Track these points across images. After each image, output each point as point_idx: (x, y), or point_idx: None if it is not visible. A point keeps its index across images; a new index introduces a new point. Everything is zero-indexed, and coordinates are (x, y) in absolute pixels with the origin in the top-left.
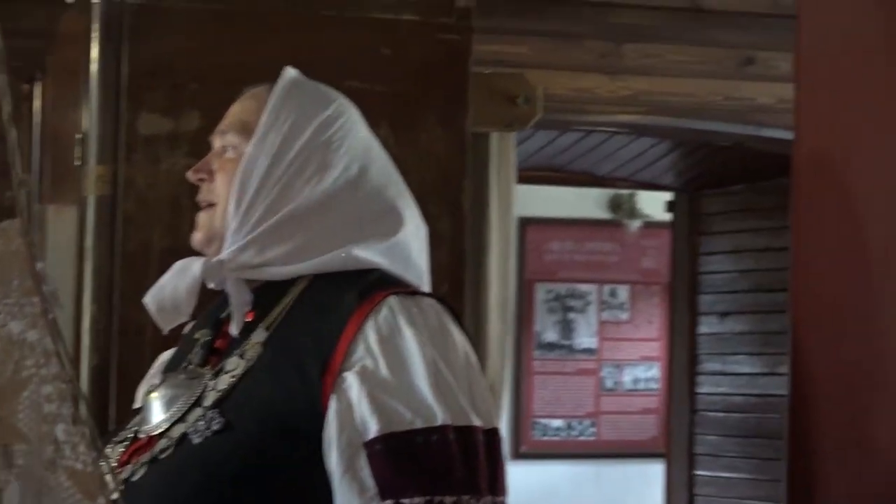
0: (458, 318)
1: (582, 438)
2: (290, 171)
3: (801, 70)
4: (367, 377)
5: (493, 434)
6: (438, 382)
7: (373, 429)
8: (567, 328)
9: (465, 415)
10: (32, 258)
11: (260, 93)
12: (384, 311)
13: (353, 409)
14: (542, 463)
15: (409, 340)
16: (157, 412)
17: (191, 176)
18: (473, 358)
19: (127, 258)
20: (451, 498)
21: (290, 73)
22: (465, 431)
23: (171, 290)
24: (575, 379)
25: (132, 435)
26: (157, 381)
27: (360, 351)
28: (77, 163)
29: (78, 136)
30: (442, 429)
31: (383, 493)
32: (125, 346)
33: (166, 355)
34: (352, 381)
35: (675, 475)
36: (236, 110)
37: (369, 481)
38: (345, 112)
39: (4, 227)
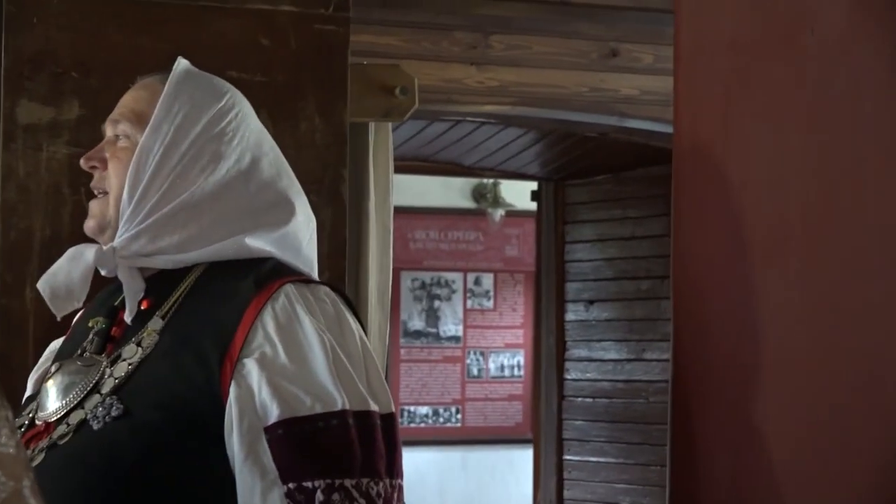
0: (352, 306)
1: (448, 425)
2: (184, 162)
3: (679, 61)
4: (266, 363)
5: (389, 418)
6: (337, 368)
7: (273, 414)
8: (433, 316)
9: (364, 400)
10: None
11: (153, 83)
12: (281, 299)
13: (254, 394)
14: (409, 450)
15: (307, 327)
16: (52, 399)
17: (83, 164)
18: (368, 345)
19: (8, 247)
20: (351, 481)
21: (182, 64)
22: (364, 416)
23: (65, 276)
24: (441, 366)
25: (28, 422)
26: (52, 368)
27: (258, 338)
28: None
29: None
30: (341, 413)
31: (284, 476)
32: (8, 336)
33: (56, 344)
34: (251, 367)
35: (544, 460)
36: (129, 100)
37: (270, 465)
38: (237, 104)
39: None
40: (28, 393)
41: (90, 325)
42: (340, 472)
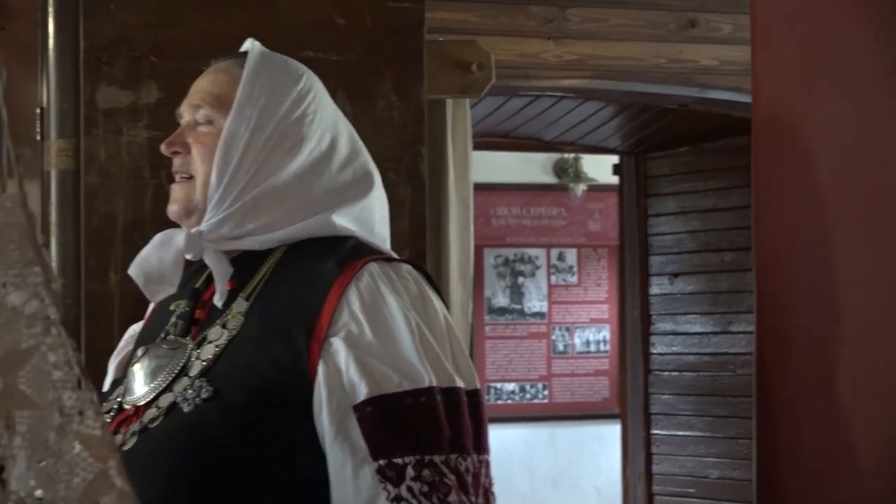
0: (434, 283)
1: (535, 402)
2: (269, 145)
3: (756, 29)
4: (353, 342)
5: (475, 395)
6: (423, 346)
7: (362, 392)
8: (517, 292)
9: (450, 376)
10: (33, 229)
11: (229, 67)
12: (365, 278)
13: (342, 373)
14: (496, 427)
15: (392, 306)
16: (140, 383)
17: (164, 149)
18: (451, 322)
19: (91, 232)
20: (440, 457)
21: (256, 46)
22: (450, 392)
23: (157, 261)
24: (526, 343)
25: (117, 406)
26: (138, 352)
27: (344, 317)
28: (38, 137)
29: (38, 110)
30: (429, 390)
31: (375, 453)
32: (92, 320)
33: (136, 328)
34: (338, 346)
35: (632, 435)
36: (207, 84)
37: (360, 443)
38: (314, 85)
39: (2, 200)
40: (109, 377)
41: (171, 308)
42: (430, 449)
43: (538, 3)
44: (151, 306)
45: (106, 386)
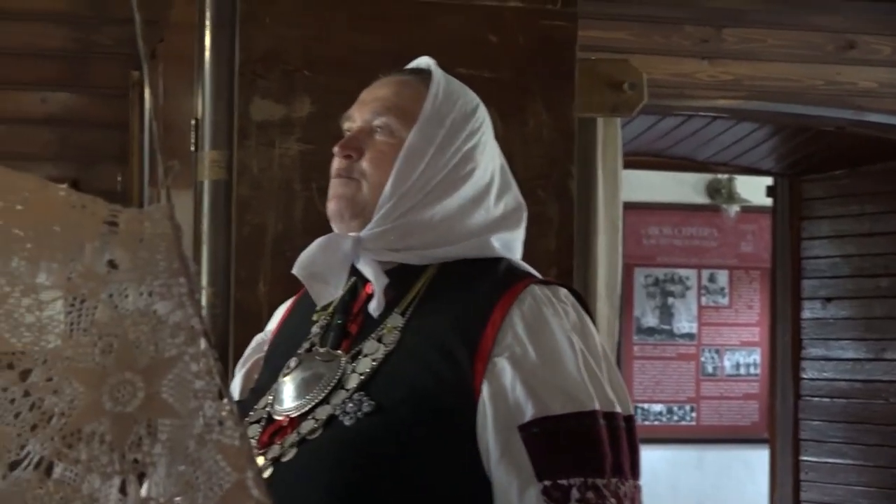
0: (586, 307)
1: (683, 423)
2: (448, 168)
3: None
4: (518, 363)
5: (630, 420)
6: (585, 369)
7: (528, 412)
8: (666, 313)
9: (610, 401)
10: (179, 241)
11: (413, 82)
12: (528, 301)
13: (507, 393)
14: (643, 448)
15: (555, 329)
16: (290, 394)
17: (337, 150)
18: (606, 346)
19: (242, 242)
20: (602, 480)
21: (435, 65)
22: (611, 417)
23: (323, 264)
24: (675, 364)
25: (266, 416)
26: (290, 363)
27: (508, 338)
28: (192, 148)
29: (192, 121)
30: (593, 414)
31: (540, 474)
32: (242, 329)
33: (261, 336)
34: (503, 366)
35: (781, 461)
36: (389, 94)
37: (526, 463)
38: (485, 115)
39: (151, 211)
40: (237, 384)
41: (314, 318)
42: (593, 471)
43: (693, 23)
44: (279, 317)
45: (234, 394)
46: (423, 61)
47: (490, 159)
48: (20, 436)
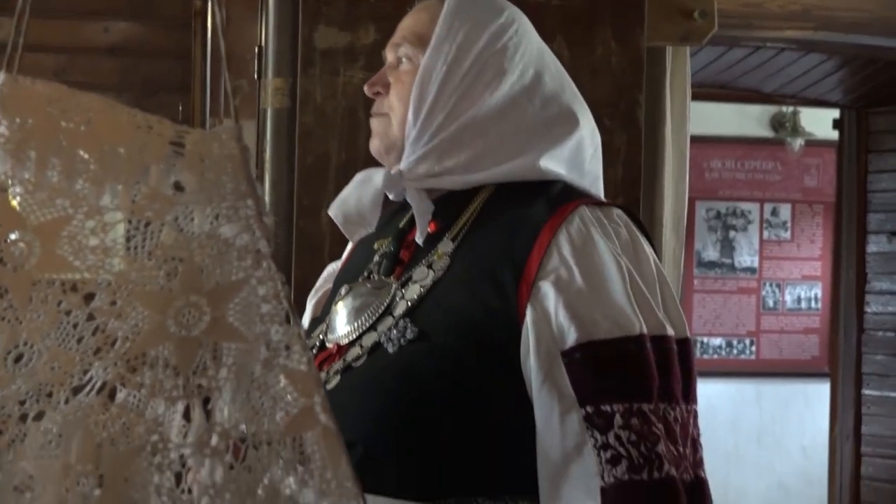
0: (644, 230)
1: (742, 357)
2: (468, 79)
3: None
4: (562, 287)
5: (685, 343)
6: (633, 292)
7: (571, 337)
8: (727, 247)
9: (660, 324)
10: (246, 162)
11: (431, 5)
12: (576, 222)
13: (550, 318)
14: (701, 381)
15: (602, 251)
16: (342, 321)
17: (367, 90)
18: (662, 269)
19: (305, 171)
20: (649, 406)
21: None
22: (660, 340)
23: (355, 201)
24: (735, 298)
25: (318, 343)
26: (341, 291)
27: (554, 261)
28: (255, 77)
29: (256, 49)
30: (639, 338)
31: (582, 400)
32: (306, 258)
33: (334, 266)
34: (547, 290)
35: (842, 395)
36: (409, 23)
37: (568, 389)
38: (517, 19)
39: (218, 132)
40: (307, 315)
41: (375, 247)
42: (639, 397)
43: None
44: (351, 245)
45: (305, 324)
46: None
47: (529, 64)
48: (83, 360)
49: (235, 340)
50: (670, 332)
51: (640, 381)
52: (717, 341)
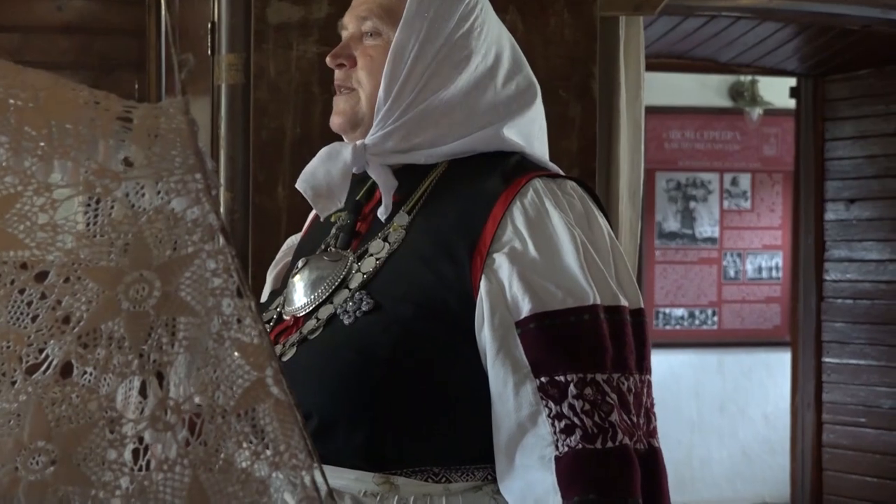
0: (599, 201)
1: (704, 328)
2: (438, 59)
3: None
4: (516, 258)
5: (639, 314)
6: (587, 263)
7: (525, 308)
8: (688, 217)
9: (614, 295)
10: (194, 136)
11: None
12: (529, 194)
13: (505, 289)
14: (664, 352)
15: (556, 222)
16: (300, 294)
17: (329, 62)
18: (616, 241)
19: (260, 146)
20: (603, 375)
21: None
22: (614, 311)
23: (324, 175)
24: (696, 268)
25: (276, 316)
26: (298, 263)
27: (508, 233)
28: (208, 52)
29: (208, 25)
30: (593, 308)
31: (536, 370)
32: (260, 232)
33: (294, 239)
34: (501, 261)
35: (802, 363)
36: None
37: (522, 359)
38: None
39: (165, 106)
40: (267, 288)
41: (332, 220)
42: (592, 367)
43: None
44: (310, 218)
45: (264, 297)
46: None
47: (492, 42)
48: (38, 338)
49: (187, 315)
50: (624, 302)
51: (593, 352)
52: (679, 312)
